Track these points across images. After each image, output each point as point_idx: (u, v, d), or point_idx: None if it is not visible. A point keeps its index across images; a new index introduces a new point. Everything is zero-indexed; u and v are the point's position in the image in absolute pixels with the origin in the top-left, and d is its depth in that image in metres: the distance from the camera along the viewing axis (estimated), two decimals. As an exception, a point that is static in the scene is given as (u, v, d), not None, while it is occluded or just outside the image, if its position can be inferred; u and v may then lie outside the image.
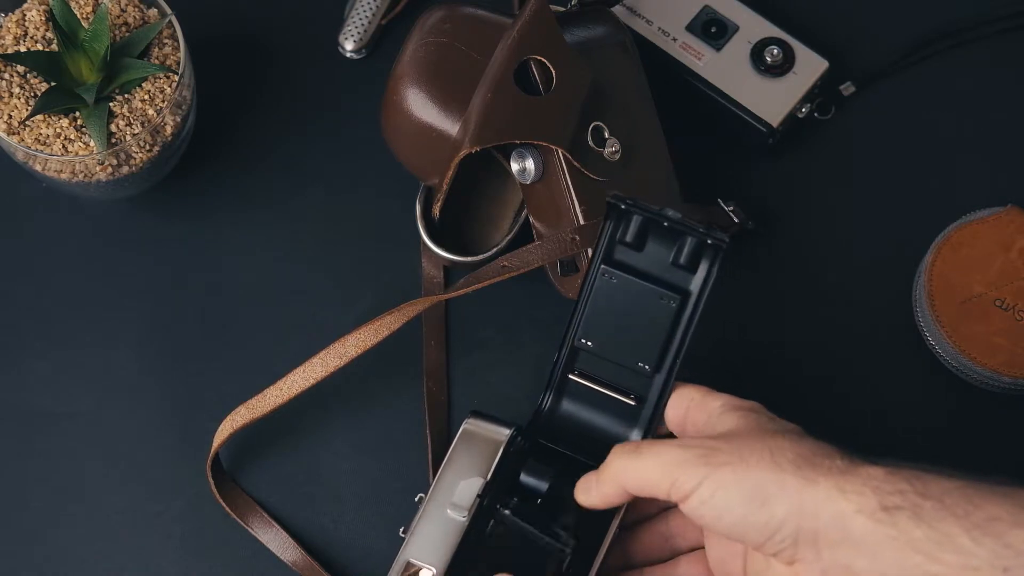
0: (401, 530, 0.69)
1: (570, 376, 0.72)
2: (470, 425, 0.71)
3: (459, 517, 0.68)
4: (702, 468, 0.62)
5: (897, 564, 0.58)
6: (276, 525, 0.79)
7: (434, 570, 0.67)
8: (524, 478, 0.70)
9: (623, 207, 0.68)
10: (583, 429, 0.71)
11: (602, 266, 0.69)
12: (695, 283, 0.68)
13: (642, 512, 0.72)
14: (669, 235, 0.68)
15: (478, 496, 0.69)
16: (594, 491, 0.67)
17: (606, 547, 0.68)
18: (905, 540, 0.58)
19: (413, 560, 0.68)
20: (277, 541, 0.79)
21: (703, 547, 0.70)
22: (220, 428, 0.78)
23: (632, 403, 0.71)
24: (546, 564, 0.67)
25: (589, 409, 0.72)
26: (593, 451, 0.69)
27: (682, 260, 0.68)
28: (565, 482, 0.69)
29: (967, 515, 0.57)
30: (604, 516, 0.68)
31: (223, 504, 0.79)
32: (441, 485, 0.70)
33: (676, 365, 0.69)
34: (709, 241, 0.66)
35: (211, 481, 0.78)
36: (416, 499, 0.72)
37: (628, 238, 0.68)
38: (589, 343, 0.70)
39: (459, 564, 0.67)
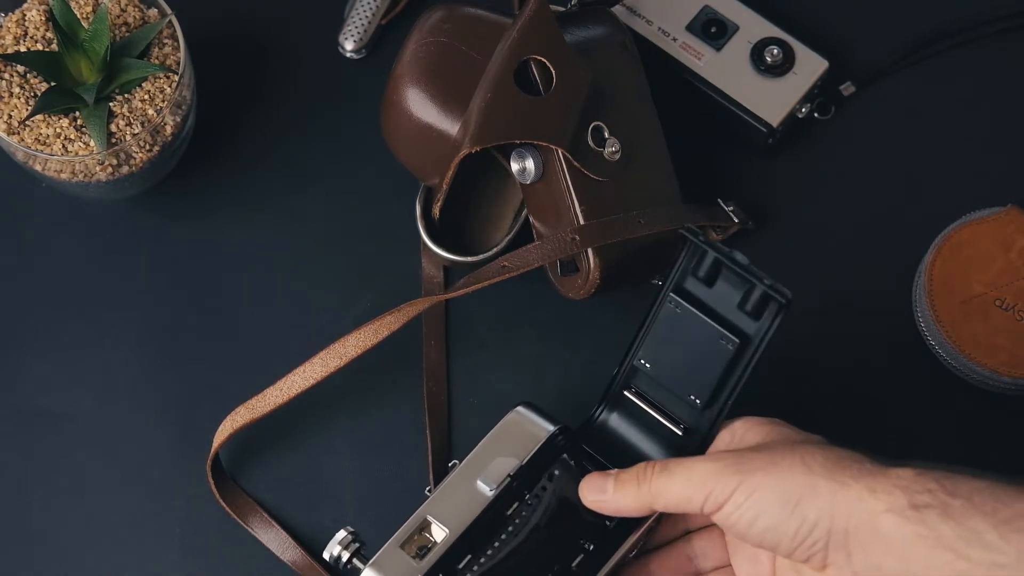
0: (427, 488, 0.70)
1: (625, 392, 0.72)
2: (517, 414, 0.72)
3: (487, 490, 0.69)
4: (735, 476, 0.62)
5: (926, 561, 0.59)
6: (276, 525, 0.79)
7: (448, 530, 0.68)
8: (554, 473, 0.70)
9: (694, 241, 0.66)
10: (627, 446, 0.71)
11: (671, 294, 0.68)
12: (756, 330, 0.67)
13: (665, 535, 0.72)
14: (739, 278, 0.66)
15: (509, 476, 0.69)
16: (609, 498, 0.67)
17: (624, 550, 0.68)
18: (934, 538, 0.58)
19: (431, 518, 0.68)
20: (277, 541, 0.79)
21: (727, 566, 0.70)
22: (220, 428, 0.78)
23: (680, 433, 0.70)
24: (555, 556, 0.68)
25: (637, 428, 0.72)
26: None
27: (748, 307, 0.66)
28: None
29: (995, 512, 0.58)
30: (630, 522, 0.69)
31: (223, 504, 0.79)
32: (477, 457, 0.70)
33: (727, 405, 0.68)
34: (772, 294, 0.65)
35: (211, 481, 0.78)
36: (450, 464, 0.72)
37: (700, 273, 0.67)
38: (648, 365, 0.70)
39: (474, 534, 0.68)
